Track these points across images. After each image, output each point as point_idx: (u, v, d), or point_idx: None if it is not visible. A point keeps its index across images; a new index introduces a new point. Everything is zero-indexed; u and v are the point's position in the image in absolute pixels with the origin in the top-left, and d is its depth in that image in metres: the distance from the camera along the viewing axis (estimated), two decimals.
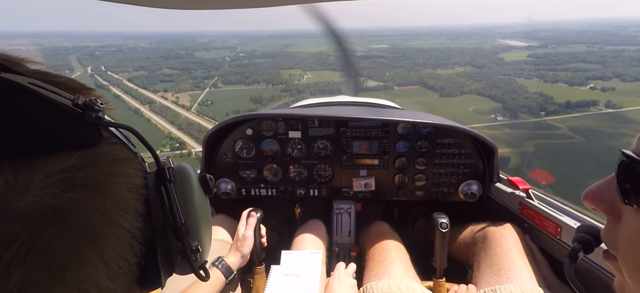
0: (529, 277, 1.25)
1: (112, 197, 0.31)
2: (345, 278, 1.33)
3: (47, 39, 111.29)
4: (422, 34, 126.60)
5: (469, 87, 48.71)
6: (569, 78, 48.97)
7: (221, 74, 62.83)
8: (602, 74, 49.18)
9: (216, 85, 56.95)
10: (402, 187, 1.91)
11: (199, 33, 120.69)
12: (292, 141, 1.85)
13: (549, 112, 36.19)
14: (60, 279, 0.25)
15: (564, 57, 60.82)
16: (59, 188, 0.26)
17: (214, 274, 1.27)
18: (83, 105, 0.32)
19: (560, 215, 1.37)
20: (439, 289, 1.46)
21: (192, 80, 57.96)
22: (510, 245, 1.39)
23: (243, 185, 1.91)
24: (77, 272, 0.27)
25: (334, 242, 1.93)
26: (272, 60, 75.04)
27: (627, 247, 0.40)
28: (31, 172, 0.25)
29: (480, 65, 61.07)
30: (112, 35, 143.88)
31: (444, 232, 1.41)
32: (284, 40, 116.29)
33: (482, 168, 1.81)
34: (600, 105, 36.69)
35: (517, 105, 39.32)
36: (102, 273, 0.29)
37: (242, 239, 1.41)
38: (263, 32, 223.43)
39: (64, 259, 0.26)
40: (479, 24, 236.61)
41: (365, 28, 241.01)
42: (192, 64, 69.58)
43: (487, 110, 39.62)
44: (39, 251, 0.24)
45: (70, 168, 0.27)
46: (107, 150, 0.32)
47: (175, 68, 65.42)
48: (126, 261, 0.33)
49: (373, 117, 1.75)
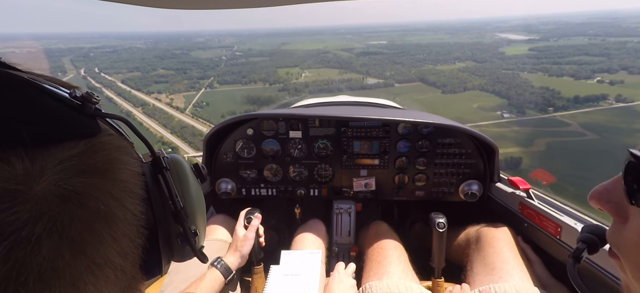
0: (522, 276, 1.26)
1: (118, 182, 0.33)
2: (345, 279, 1.32)
3: (43, 40, 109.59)
4: (420, 29, 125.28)
5: (471, 82, 47.13)
6: (575, 71, 47.49)
7: (217, 73, 60.99)
8: (608, 66, 47.76)
9: (212, 86, 55.02)
10: (403, 187, 1.88)
11: (195, 32, 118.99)
12: (292, 141, 1.83)
13: (558, 108, 34.57)
14: (81, 253, 0.28)
15: (566, 50, 59.52)
16: (70, 173, 0.28)
17: (213, 274, 1.25)
18: (81, 98, 0.34)
19: (560, 215, 1.36)
20: (437, 289, 1.45)
21: (187, 81, 56.13)
22: (503, 245, 1.39)
23: (243, 185, 1.90)
24: (95, 248, 0.29)
25: (334, 242, 1.90)
26: (269, 59, 73.22)
27: (633, 249, 0.39)
28: (45, 159, 0.27)
29: (481, 59, 59.73)
30: (107, 36, 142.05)
31: (441, 231, 1.41)
32: (281, 38, 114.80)
33: (482, 168, 1.78)
34: (610, 99, 35.15)
35: (523, 100, 37.69)
36: (115, 252, 0.31)
37: (243, 239, 1.39)
38: (260, 29, 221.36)
39: (84, 235, 0.28)
40: (477, 18, 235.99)
41: (363, 24, 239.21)
42: (187, 63, 67.82)
43: (492, 106, 38.03)
44: (62, 227, 0.26)
45: (78, 155, 0.29)
46: (107, 139, 0.34)
47: (170, 68, 63.65)
48: (133, 242, 0.35)
49: (374, 117, 1.72)
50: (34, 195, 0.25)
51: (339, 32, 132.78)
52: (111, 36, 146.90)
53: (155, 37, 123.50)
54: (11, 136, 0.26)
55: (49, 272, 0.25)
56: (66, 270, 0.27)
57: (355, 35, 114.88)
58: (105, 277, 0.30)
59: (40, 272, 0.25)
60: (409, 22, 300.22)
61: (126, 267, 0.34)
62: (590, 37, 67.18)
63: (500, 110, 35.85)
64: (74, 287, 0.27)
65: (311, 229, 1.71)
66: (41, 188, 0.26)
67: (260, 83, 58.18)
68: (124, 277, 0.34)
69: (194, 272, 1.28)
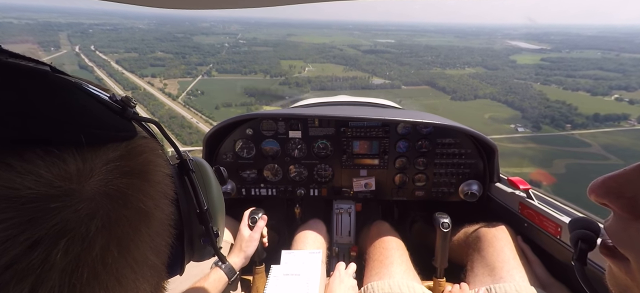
0: (522, 276, 1.26)
1: (154, 183, 0.34)
2: (346, 279, 1.31)
3: (43, 13, 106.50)
4: (429, 31, 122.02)
5: (482, 90, 44.34)
6: (591, 86, 44.76)
7: (217, 61, 57.92)
8: (626, 83, 45.11)
9: (210, 73, 51.97)
10: (402, 187, 1.88)
11: (200, 17, 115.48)
12: (292, 141, 1.83)
13: (576, 125, 31.80)
14: (126, 250, 0.29)
15: (580, 63, 56.89)
16: (115, 174, 0.29)
17: (216, 274, 1.23)
18: (121, 102, 0.35)
19: (560, 215, 1.36)
20: (439, 289, 1.46)
21: (185, 66, 53.07)
22: (503, 245, 1.39)
23: (243, 185, 1.89)
24: (136, 246, 0.31)
25: (334, 242, 1.91)
26: (273, 50, 70.09)
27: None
28: (94, 160, 0.28)
29: (492, 66, 57.01)
30: (110, 14, 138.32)
31: (445, 231, 1.42)
32: (287, 29, 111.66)
33: (482, 168, 1.79)
34: (632, 120, 32.49)
35: (538, 114, 34.94)
36: (151, 250, 0.33)
37: (248, 239, 1.38)
38: (267, 19, 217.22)
39: (128, 234, 0.30)
40: (486, 24, 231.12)
41: (370, 22, 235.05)
42: (188, 48, 64.75)
43: (505, 118, 35.30)
44: (110, 226, 0.28)
45: (121, 157, 0.30)
46: (144, 142, 0.35)
47: (169, 52, 60.61)
48: (165, 240, 0.36)
49: (373, 117, 1.73)
50: (86, 193, 0.26)
51: (347, 28, 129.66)
52: (115, 14, 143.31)
53: (160, 19, 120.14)
54: (66, 137, 0.27)
55: (100, 267, 0.27)
56: (113, 266, 0.28)
57: (363, 31, 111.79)
58: (143, 274, 0.32)
59: (94, 267, 0.26)
60: (418, 22, 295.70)
61: (158, 265, 0.35)
62: (604, 51, 64.84)
63: (513, 123, 33.11)
64: (118, 282, 0.29)
65: (311, 229, 1.69)
66: (91, 188, 0.27)
67: (261, 74, 55.21)
68: (156, 274, 0.35)
69: (195, 272, 1.22)
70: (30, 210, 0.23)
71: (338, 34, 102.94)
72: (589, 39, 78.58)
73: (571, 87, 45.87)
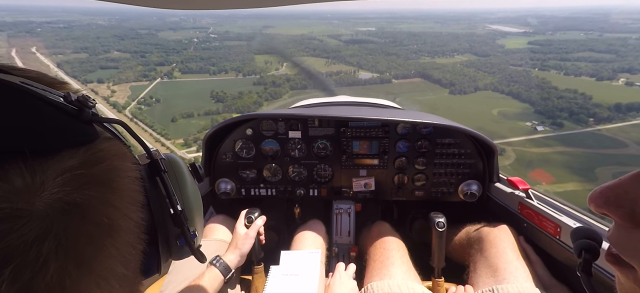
0: (525, 277, 1.25)
1: (119, 191, 0.31)
2: (345, 280, 1.31)
3: None
4: (408, 17, 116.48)
5: (481, 81, 38.86)
6: (593, 70, 40.22)
7: (182, 59, 49.50)
8: (628, 66, 40.95)
9: (171, 75, 43.69)
10: (402, 187, 1.87)
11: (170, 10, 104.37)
12: (292, 141, 1.81)
13: (600, 119, 26.58)
14: (87, 269, 0.26)
15: (569, 45, 52.84)
16: (72, 186, 0.26)
17: (211, 273, 1.21)
18: (77, 102, 0.31)
19: (559, 215, 1.35)
20: (437, 289, 1.44)
21: (142, 67, 44.48)
22: (505, 246, 1.37)
23: (243, 185, 1.88)
24: (100, 262, 0.28)
25: (334, 242, 1.88)
26: (247, 44, 61.94)
27: None
28: (44, 171, 0.25)
29: (482, 53, 51.86)
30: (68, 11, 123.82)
31: (441, 231, 1.41)
32: (263, 21, 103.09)
33: (481, 168, 1.77)
34: None
35: (552, 107, 29.57)
36: (118, 262, 0.30)
37: (244, 237, 1.36)
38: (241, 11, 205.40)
39: (89, 251, 0.26)
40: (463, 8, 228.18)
41: (350, 10, 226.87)
42: (149, 45, 55.77)
43: (516, 113, 29.80)
44: (67, 245, 0.25)
45: (79, 165, 0.27)
46: (106, 145, 0.32)
47: (127, 51, 51.57)
48: (135, 249, 0.33)
49: (373, 117, 1.72)
50: (36, 212, 0.23)
51: (325, 17, 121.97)
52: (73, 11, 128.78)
53: (123, 14, 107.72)
54: (8, 149, 0.24)
55: (57, 291, 0.24)
56: (73, 287, 0.25)
57: (342, 20, 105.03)
58: (110, 288, 0.29)
59: (50, 292, 0.24)
60: (395, 8, 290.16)
61: (128, 275, 0.33)
62: (586, 32, 61.63)
63: (529, 121, 27.55)
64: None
65: (311, 229, 1.67)
66: (43, 204, 0.24)
67: (232, 73, 47.36)
68: (127, 283, 0.33)
69: (194, 272, 1.22)
70: None
71: (317, 24, 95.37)
72: (564, 20, 75.70)
73: (572, 72, 41.16)
